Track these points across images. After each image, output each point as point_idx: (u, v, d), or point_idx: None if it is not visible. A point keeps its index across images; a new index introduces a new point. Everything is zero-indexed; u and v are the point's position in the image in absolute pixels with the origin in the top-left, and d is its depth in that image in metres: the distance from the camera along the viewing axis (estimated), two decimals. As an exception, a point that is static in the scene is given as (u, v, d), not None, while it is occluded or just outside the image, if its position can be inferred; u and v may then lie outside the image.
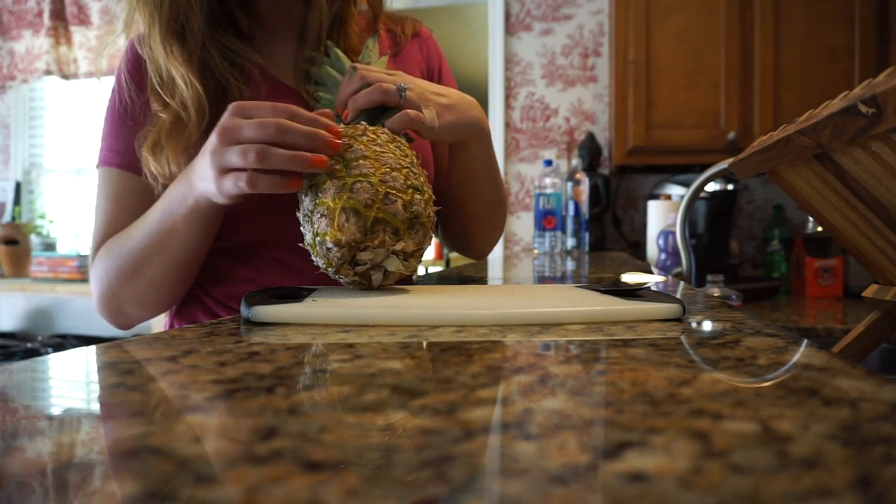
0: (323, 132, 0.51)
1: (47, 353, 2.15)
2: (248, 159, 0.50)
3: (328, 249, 0.49)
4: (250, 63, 0.71)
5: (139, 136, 0.69)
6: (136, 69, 0.73)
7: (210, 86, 0.68)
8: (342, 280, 0.52)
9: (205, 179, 0.56)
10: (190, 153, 0.66)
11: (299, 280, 0.71)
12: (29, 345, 2.63)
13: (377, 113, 0.60)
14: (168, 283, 0.69)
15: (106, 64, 2.24)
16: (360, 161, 0.50)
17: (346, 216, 0.48)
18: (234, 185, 0.53)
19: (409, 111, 0.60)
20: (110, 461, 0.18)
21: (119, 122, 0.73)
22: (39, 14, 2.84)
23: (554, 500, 0.15)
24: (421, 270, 2.94)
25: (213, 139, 0.54)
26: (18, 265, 2.76)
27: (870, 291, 0.61)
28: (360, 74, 0.60)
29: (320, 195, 0.50)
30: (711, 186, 1.92)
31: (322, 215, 0.49)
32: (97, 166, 0.75)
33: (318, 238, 0.50)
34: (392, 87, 0.59)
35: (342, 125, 0.56)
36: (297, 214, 0.54)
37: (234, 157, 0.52)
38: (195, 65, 0.68)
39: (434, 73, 0.86)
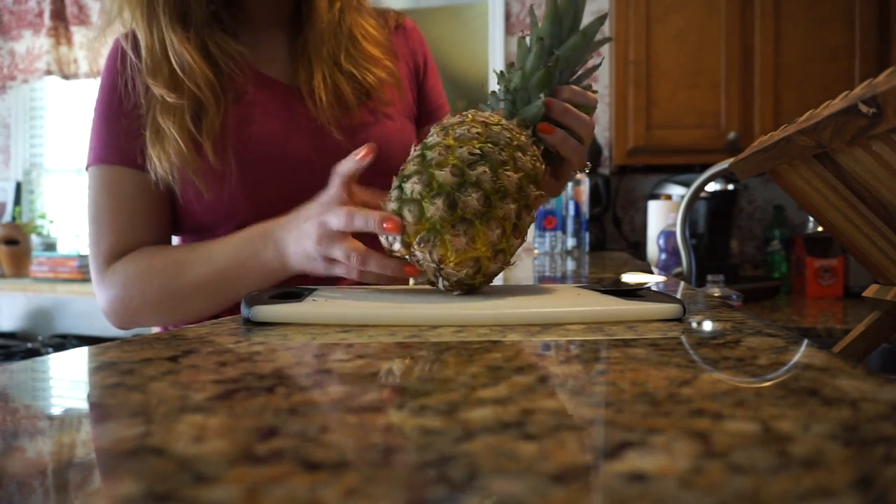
0: (397, 268, 0.52)
1: (48, 353, 2.15)
2: (351, 261, 0.54)
3: (441, 270, 0.48)
4: (237, 57, 0.72)
5: (149, 127, 0.68)
6: (124, 65, 0.71)
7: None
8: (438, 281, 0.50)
9: (307, 259, 0.58)
10: (224, 138, 0.67)
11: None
12: (29, 345, 2.63)
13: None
14: (202, 315, 0.70)
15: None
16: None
17: (428, 234, 0.47)
18: (346, 272, 0.55)
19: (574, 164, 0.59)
20: (110, 461, 0.18)
21: (115, 117, 0.71)
22: (40, 14, 2.84)
23: (554, 500, 0.15)
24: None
25: (315, 231, 0.56)
26: (19, 265, 2.76)
27: (870, 291, 0.61)
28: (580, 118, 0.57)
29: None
30: (712, 186, 1.92)
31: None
32: (93, 164, 0.72)
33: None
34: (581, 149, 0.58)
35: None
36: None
37: (339, 253, 0.54)
38: (199, 52, 0.69)
39: (420, 67, 0.85)
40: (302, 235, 0.58)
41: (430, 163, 0.48)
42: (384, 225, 0.48)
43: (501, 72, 0.58)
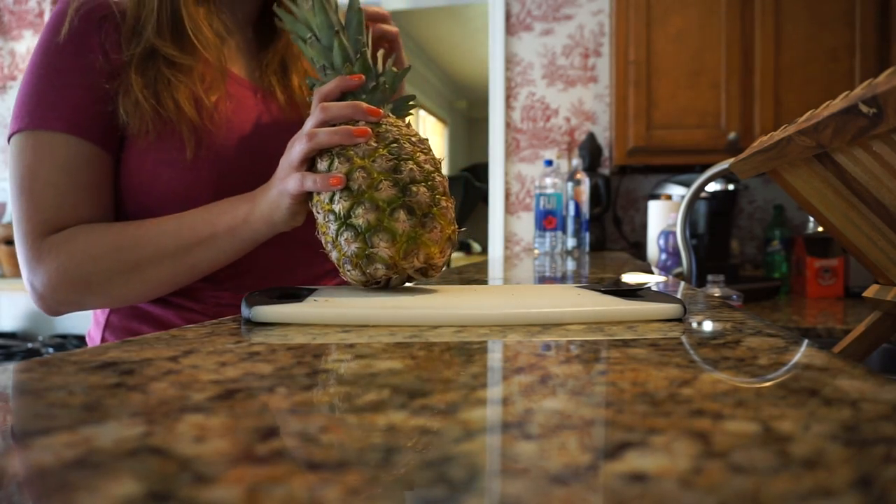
0: (362, 105, 0.55)
1: (48, 353, 2.15)
2: (308, 139, 0.55)
3: (369, 261, 0.51)
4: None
5: (141, 75, 0.64)
6: (90, 27, 0.65)
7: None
8: (351, 277, 0.53)
9: (277, 197, 0.59)
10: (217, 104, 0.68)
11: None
12: (30, 345, 2.63)
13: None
14: (159, 287, 0.66)
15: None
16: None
17: (409, 246, 0.50)
18: (305, 181, 0.56)
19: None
20: (110, 461, 0.18)
21: (68, 80, 0.64)
22: (40, 14, 2.84)
23: (554, 500, 0.15)
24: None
25: (283, 162, 0.59)
26: (19, 265, 2.75)
27: (870, 292, 0.61)
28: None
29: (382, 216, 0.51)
30: (712, 186, 1.92)
31: (379, 231, 0.50)
32: (29, 129, 0.63)
33: (364, 251, 0.51)
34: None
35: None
36: (318, 203, 0.55)
37: (298, 151, 0.56)
38: (208, 24, 0.70)
39: None
40: (273, 178, 0.60)
41: (361, 190, 0.51)
42: (329, 182, 0.52)
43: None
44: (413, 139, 0.55)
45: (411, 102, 0.62)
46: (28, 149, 0.63)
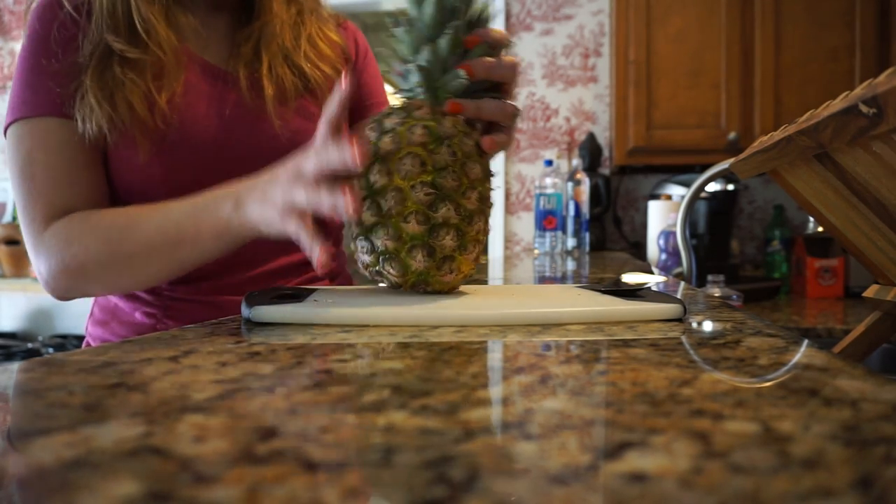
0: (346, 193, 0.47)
1: (48, 353, 2.15)
2: (313, 199, 0.49)
3: (378, 273, 0.50)
4: (188, 32, 0.71)
5: (97, 77, 0.64)
6: (55, 16, 0.67)
7: None
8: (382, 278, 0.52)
9: (264, 206, 0.54)
10: (172, 103, 0.66)
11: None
12: (30, 345, 2.63)
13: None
14: (150, 281, 0.67)
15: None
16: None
17: (419, 279, 0.49)
18: (300, 230, 0.50)
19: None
20: (110, 461, 0.18)
21: (50, 69, 0.65)
22: (40, 14, 2.84)
23: (554, 500, 0.15)
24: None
25: (285, 174, 0.52)
26: (19, 265, 2.76)
27: (870, 292, 0.61)
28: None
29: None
30: (712, 186, 1.92)
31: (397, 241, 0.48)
32: (23, 117, 0.65)
33: (375, 266, 0.50)
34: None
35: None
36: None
37: (300, 196, 0.50)
38: (164, 19, 0.68)
39: (353, 60, 0.85)
40: (269, 182, 0.55)
41: (389, 213, 0.47)
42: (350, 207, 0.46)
43: (397, 34, 0.52)
44: (468, 165, 0.49)
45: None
46: (23, 136, 0.66)
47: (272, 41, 0.74)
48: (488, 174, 0.52)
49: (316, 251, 0.48)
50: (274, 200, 0.53)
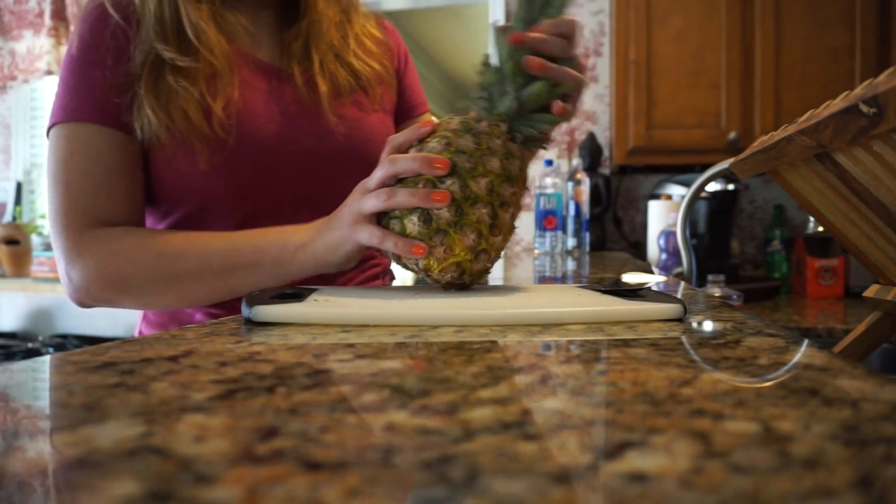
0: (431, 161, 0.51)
1: (48, 353, 2.15)
2: (375, 240, 0.53)
3: (429, 276, 0.53)
4: (240, 33, 0.72)
5: (150, 86, 0.65)
6: (107, 24, 0.67)
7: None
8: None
9: (331, 242, 0.58)
10: (229, 108, 0.67)
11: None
12: (30, 345, 2.63)
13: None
14: (193, 303, 0.67)
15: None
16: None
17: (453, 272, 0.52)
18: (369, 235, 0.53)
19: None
20: (110, 461, 0.18)
21: (98, 74, 0.65)
22: (40, 14, 2.84)
23: (554, 500, 0.15)
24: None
25: (349, 214, 0.56)
26: (19, 265, 2.76)
27: (871, 291, 0.61)
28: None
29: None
30: (712, 186, 1.92)
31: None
32: (65, 121, 0.66)
33: (426, 272, 0.52)
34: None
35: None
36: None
37: (364, 235, 0.54)
38: (213, 23, 0.68)
39: (399, 65, 0.87)
40: (335, 214, 0.58)
41: (404, 183, 0.52)
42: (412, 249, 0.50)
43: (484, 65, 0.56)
44: (488, 157, 0.51)
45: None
46: (62, 140, 0.66)
47: (321, 39, 0.75)
48: (511, 177, 0.53)
49: (390, 242, 0.51)
50: (341, 221, 0.56)
